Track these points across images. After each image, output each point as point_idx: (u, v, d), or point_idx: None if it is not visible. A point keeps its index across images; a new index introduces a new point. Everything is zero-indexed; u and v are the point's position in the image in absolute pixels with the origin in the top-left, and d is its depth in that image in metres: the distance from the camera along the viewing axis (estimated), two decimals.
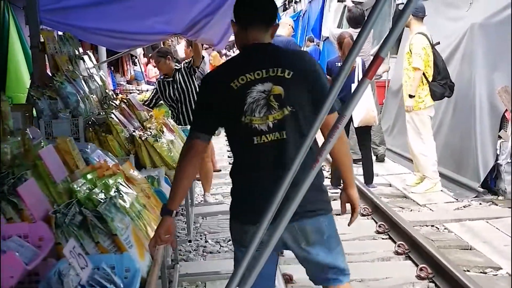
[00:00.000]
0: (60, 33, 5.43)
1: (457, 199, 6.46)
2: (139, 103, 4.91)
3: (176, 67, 6.36)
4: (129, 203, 2.56)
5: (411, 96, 6.52)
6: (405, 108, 6.74)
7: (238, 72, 2.48)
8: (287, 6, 23.20)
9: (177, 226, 5.73)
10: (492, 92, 6.55)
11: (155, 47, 12.29)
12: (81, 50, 5.47)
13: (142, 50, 12.49)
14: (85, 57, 5.30)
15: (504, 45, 6.39)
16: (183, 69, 6.31)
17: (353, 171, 2.80)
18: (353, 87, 6.19)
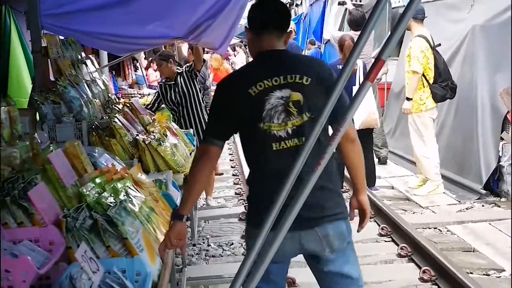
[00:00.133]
0: (61, 37, 5.43)
1: (459, 201, 6.45)
2: (142, 107, 4.91)
3: (177, 70, 6.36)
4: (138, 206, 2.56)
5: (409, 98, 6.52)
6: (402, 110, 6.74)
7: (255, 78, 2.48)
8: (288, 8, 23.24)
9: None
10: (494, 93, 6.53)
11: (157, 51, 12.35)
12: (83, 54, 5.48)
13: (143, 54, 12.50)
14: (88, 62, 5.30)
15: (505, 47, 6.38)
16: (184, 72, 6.31)
17: (364, 175, 2.78)
18: (355, 89, 6.19)
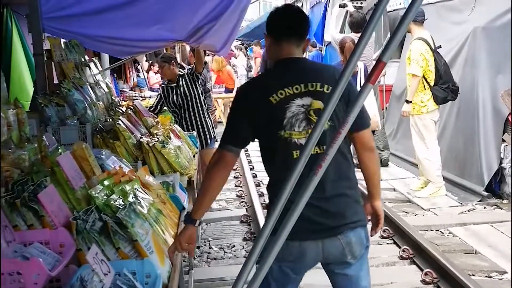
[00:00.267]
0: (63, 40, 5.43)
1: (461, 203, 6.43)
2: (145, 109, 4.90)
3: (180, 72, 6.36)
4: (146, 208, 2.56)
5: (408, 101, 6.53)
6: (401, 113, 6.74)
7: (276, 86, 2.48)
8: None
9: None
10: (495, 95, 6.53)
11: (158, 54, 12.37)
12: (86, 57, 5.48)
13: (144, 56, 12.52)
14: (91, 64, 5.30)
15: (507, 49, 6.37)
16: (186, 75, 6.30)
17: (380, 183, 2.82)
18: None
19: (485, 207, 6.28)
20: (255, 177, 8.20)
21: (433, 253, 4.64)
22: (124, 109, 4.96)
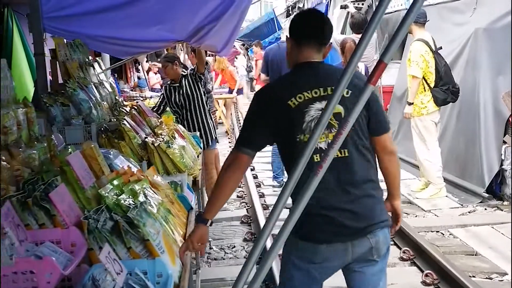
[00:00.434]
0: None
1: (462, 205, 6.44)
2: (149, 109, 4.89)
3: (183, 73, 6.35)
4: (156, 208, 2.56)
5: (410, 103, 6.53)
6: (403, 114, 6.75)
7: (295, 90, 2.48)
8: (290, 12, 23.25)
9: None
10: (496, 97, 6.54)
11: (159, 54, 12.36)
12: (90, 57, 5.46)
13: (145, 57, 12.50)
14: (95, 64, 5.29)
15: (508, 50, 6.37)
16: (189, 75, 6.29)
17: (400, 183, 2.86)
18: None
19: (485, 209, 6.29)
20: (255, 177, 8.21)
21: (434, 254, 4.66)
22: (128, 109, 4.95)
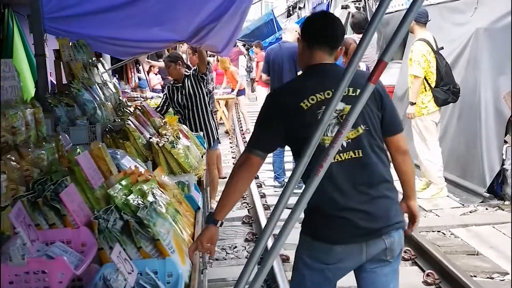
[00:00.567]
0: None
1: (463, 205, 6.45)
2: (152, 109, 4.88)
3: (185, 73, 6.34)
4: (165, 208, 2.56)
5: (412, 103, 6.52)
6: (406, 114, 6.75)
7: (307, 92, 2.48)
8: (291, 12, 23.28)
9: None
10: (497, 97, 6.53)
11: (160, 55, 12.35)
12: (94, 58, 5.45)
13: (146, 57, 12.47)
14: (99, 65, 5.29)
15: (509, 50, 6.36)
16: (192, 75, 6.27)
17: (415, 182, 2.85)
18: None
19: (487, 209, 6.29)
20: (257, 178, 8.19)
21: (435, 254, 4.66)
22: (132, 109, 4.95)
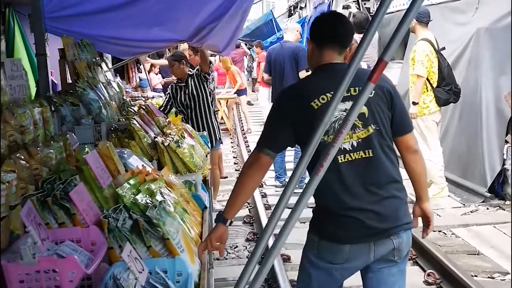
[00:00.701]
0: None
1: (464, 204, 6.46)
2: (156, 109, 4.88)
3: (189, 72, 6.33)
4: (173, 207, 2.56)
5: (415, 103, 6.53)
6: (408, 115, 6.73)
7: (317, 91, 2.48)
8: (292, 12, 23.24)
9: None
10: (498, 97, 6.53)
11: (160, 54, 12.36)
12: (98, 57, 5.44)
13: (148, 58, 12.47)
14: (102, 64, 5.29)
15: (509, 50, 6.37)
16: (195, 75, 6.27)
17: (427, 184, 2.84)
18: None
19: (488, 208, 6.30)
20: None
21: (436, 254, 4.67)
22: (136, 108, 4.95)
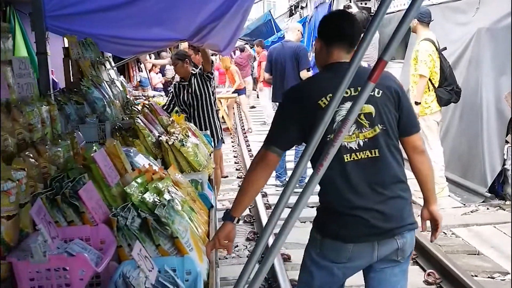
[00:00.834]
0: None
1: (464, 204, 6.45)
2: (160, 108, 4.87)
3: (192, 71, 6.32)
4: (180, 206, 2.57)
5: (417, 103, 6.52)
6: (415, 115, 6.72)
7: (325, 90, 2.47)
8: (293, 11, 23.23)
9: None
10: (499, 97, 6.53)
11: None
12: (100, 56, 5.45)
13: (148, 57, 12.49)
14: (106, 63, 5.29)
15: (509, 50, 6.37)
16: (198, 74, 6.26)
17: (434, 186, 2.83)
18: None
19: (488, 208, 6.30)
20: None
21: (436, 253, 4.67)
22: (139, 107, 4.94)
